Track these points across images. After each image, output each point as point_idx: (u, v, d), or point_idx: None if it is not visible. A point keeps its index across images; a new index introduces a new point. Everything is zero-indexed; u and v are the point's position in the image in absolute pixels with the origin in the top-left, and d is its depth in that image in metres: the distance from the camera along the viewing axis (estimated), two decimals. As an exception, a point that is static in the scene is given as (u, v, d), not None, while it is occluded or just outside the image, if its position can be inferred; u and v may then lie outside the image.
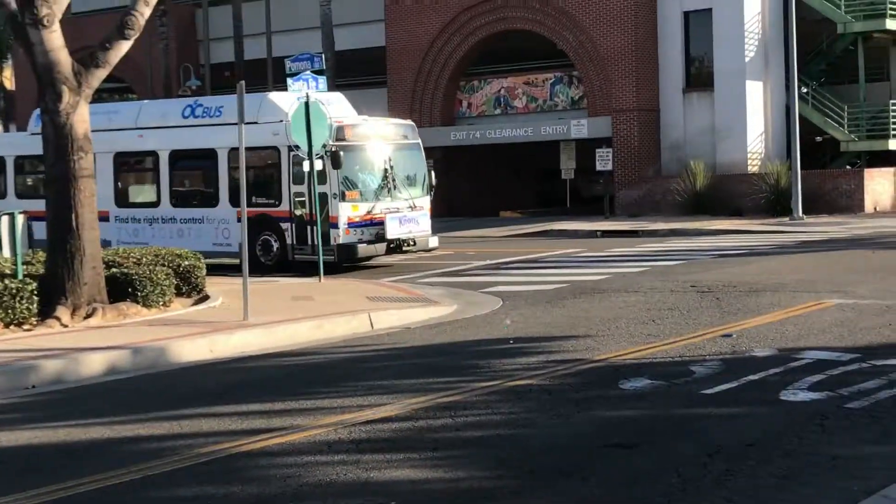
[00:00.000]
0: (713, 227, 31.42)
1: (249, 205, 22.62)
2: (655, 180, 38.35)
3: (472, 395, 10.05)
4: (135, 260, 17.45)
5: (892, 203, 36.66)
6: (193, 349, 13.21)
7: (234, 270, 22.09)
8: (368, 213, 22.69)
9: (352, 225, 22.45)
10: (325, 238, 22.02)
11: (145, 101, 30.20)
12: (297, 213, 22.89)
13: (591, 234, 31.29)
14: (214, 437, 8.93)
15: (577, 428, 8.68)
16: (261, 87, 43.44)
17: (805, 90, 38.07)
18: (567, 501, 6.89)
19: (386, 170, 23.17)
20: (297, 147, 20.70)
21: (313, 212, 22.02)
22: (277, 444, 8.58)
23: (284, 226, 23.17)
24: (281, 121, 22.73)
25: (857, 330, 12.66)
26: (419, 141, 24.53)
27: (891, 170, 37.37)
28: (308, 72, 21.10)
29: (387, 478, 7.55)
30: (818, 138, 39.74)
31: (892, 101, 38.29)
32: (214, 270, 21.10)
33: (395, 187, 23.29)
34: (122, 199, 26.05)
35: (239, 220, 22.74)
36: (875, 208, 35.82)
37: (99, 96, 44.51)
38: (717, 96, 37.73)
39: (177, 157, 25.22)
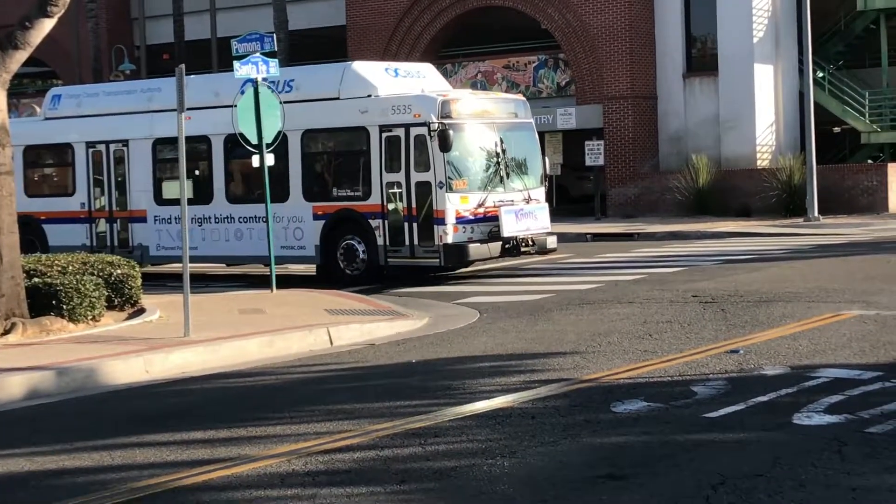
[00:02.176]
0: (718, 229, 31.58)
1: (329, 198, 22.63)
2: (653, 177, 38.52)
3: (444, 421, 10.05)
4: (60, 268, 17.36)
5: (920, 202, 36.88)
6: (127, 370, 13.15)
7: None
8: (480, 205, 21.32)
9: (461, 221, 21.04)
10: (428, 237, 21.08)
11: (193, 76, 28.54)
12: (392, 206, 21.60)
13: (581, 238, 31.37)
14: (150, 469, 8.88)
15: (564, 457, 8.69)
16: (204, 70, 43.33)
17: (821, 74, 38.34)
18: (552, 540, 6.89)
19: (497, 154, 21.90)
20: (244, 138, 20.57)
21: (412, 205, 21.28)
22: (222, 477, 8.55)
23: (374, 223, 21.80)
24: (370, 95, 22.14)
25: (879, 345, 12.73)
26: (532, 120, 23.51)
27: (917, 164, 37.63)
28: (257, 54, 20.95)
29: (347, 515, 7.54)
30: (836, 129, 40.05)
31: None
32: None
33: (507, 175, 21.98)
34: (163, 195, 24.83)
35: (315, 216, 22.53)
36: (900, 208, 36.05)
37: (19, 82, 44.35)
38: (722, 82, 37.97)
39: (234, 142, 22.94)
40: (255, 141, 20.32)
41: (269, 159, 20.70)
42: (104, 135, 25.37)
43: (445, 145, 20.52)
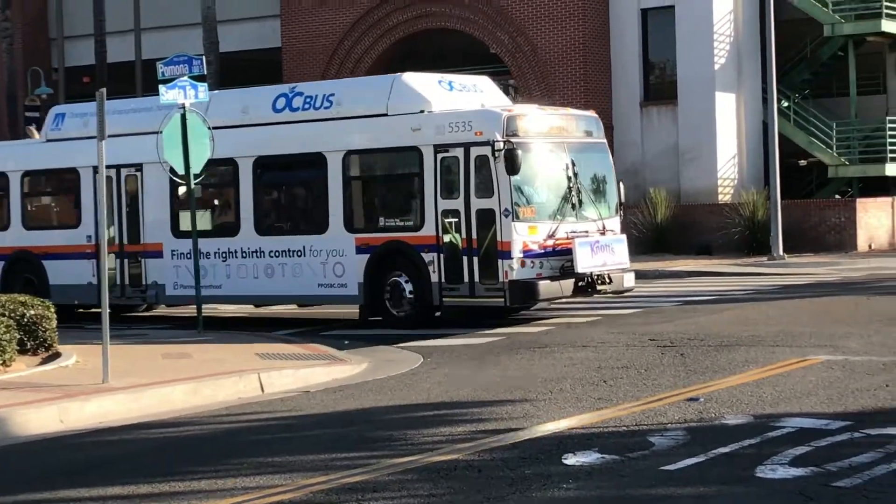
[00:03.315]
0: (677, 267, 31.77)
1: (375, 229, 21.22)
2: (608, 211, 38.64)
3: (384, 474, 10.01)
4: (-33, 308, 17.12)
5: (891, 239, 37.33)
6: (39, 419, 13.00)
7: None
8: (550, 237, 19.88)
9: (528, 254, 19.58)
10: (490, 273, 19.64)
11: (216, 90, 26.27)
12: (448, 238, 20.03)
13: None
14: (64, 528, 8.78)
15: (512, 513, 8.67)
16: (128, 94, 43.15)
17: (786, 104, 38.76)
18: None
19: (569, 177, 20.43)
20: (170, 168, 20.41)
21: (472, 236, 19.87)
22: (142, 537, 8.46)
23: (428, 257, 20.21)
24: (422, 111, 20.74)
25: (847, 392, 12.83)
26: (605, 140, 22.04)
27: (888, 199, 38.07)
28: (185, 78, 20.89)
29: (278, 577, 7.49)
30: (802, 162, 40.44)
31: (889, 118, 39.07)
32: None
33: (580, 202, 20.50)
34: (181, 226, 22.90)
35: (359, 249, 20.92)
36: (870, 246, 36.47)
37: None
38: (682, 111, 38.31)
39: (265, 165, 22.43)
40: (181, 170, 20.25)
41: (198, 191, 20.60)
42: (114, 158, 21.67)
43: (513, 167, 19.18)
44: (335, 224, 21.37)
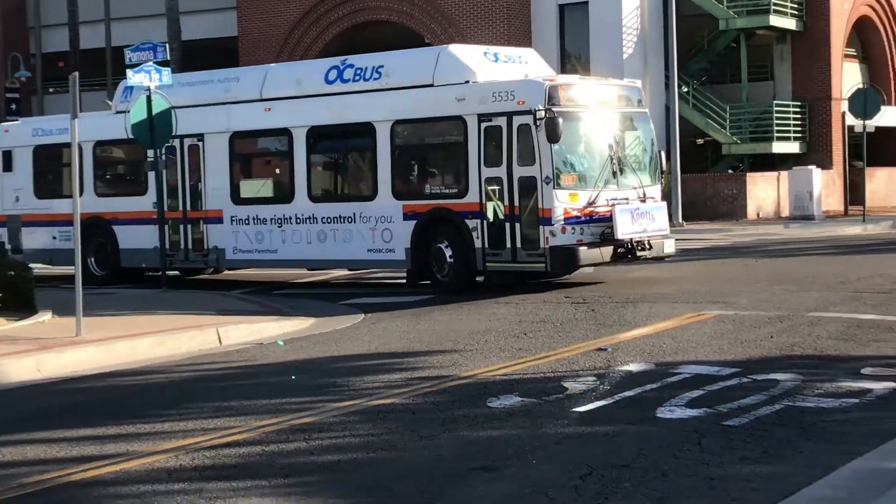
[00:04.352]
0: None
1: (421, 196, 19.67)
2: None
3: (328, 417, 9.99)
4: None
5: (776, 209, 37.73)
6: (18, 369, 12.86)
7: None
8: (590, 204, 18.34)
9: (569, 221, 18.09)
10: (531, 239, 18.20)
11: (273, 64, 24.38)
12: (491, 205, 18.56)
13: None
14: (41, 465, 8.68)
15: (442, 450, 8.68)
16: (99, 78, 42.69)
17: (686, 89, 38.98)
18: (429, 530, 6.88)
19: (611, 146, 18.95)
20: (138, 141, 19.98)
21: (514, 203, 18.40)
22: (112, 473, 8.39)
23: (472, 223, 18.73)
24: (467, 81, 19.18)
25: (737, 343, 12.96)
26: (646, 110, 20.61)
27: (774, 174, 38.49)
28: (150, 63, 20.64)
29: (233, 508, 7.46)
30: (699, 140, 40.71)
31: (775, 102, 39.47)
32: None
33: (622, 171, 19.01)
34: (240, 193, 21.78)
35: (406, 216, 19.36)
36: (758, 214, 36.84)
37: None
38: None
39: (318, 135, 20.94)
40: (149, 149, 20.03)
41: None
42: (178, 128, 21.28)
43: (554, 135, 17.71)
44: (383, 191, 19.88)
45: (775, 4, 38.90)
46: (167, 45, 23.85)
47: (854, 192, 38.46)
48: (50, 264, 23.81)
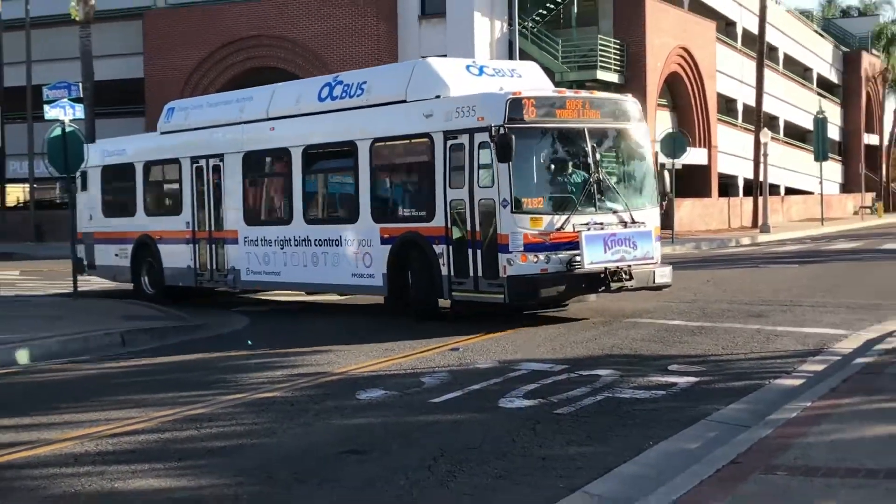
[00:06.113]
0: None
1: (396, 219, 16.04)
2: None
3: (217, 408, 9.81)
4: None
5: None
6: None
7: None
8: (558, 229, 14.33)
9: (532, 247, 14.18)
10: (492, 267, 14.41)
11: (281, 82, 20.10)
12: (456, 229, 14.90)
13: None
14: (-42, 453, 8.35)
15: (316, 437, 8.59)
16: (20, 112, 41.43)
17: (527, 26, 39.58)
18: (303, 505, 6.80)
19: (588, 165, 14.82)
20: (55, 167, 19.35)
21: (476, 228, 14.63)
22: (23, 458, 8.10)
23: (439, 249, 15.05)
24: (437, 96, 15.56)
25: (567, 344, 13.09)
26: (641, 126, 15.75)
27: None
28: (65, 99, 20.14)
29: (131, 487, 7.25)
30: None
31: (599, 37, 40.35)
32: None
33: (601, 192, 14.82)
34: (252, 213, 18.62)
35: (383, 240, 15.96)
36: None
37: None
38: (448, 28, 37.98)
39: (312, 155, 17.52)
40: (61, 174, 19.48)
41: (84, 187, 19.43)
42: (203, 149, 19.24)
43: (504, 154, 13.98)
44: (364, 214, 16.37)
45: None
46: (80, 84, 23.28)
47: (665, 218, 39.10)
48: (114, 280, 21.76)
